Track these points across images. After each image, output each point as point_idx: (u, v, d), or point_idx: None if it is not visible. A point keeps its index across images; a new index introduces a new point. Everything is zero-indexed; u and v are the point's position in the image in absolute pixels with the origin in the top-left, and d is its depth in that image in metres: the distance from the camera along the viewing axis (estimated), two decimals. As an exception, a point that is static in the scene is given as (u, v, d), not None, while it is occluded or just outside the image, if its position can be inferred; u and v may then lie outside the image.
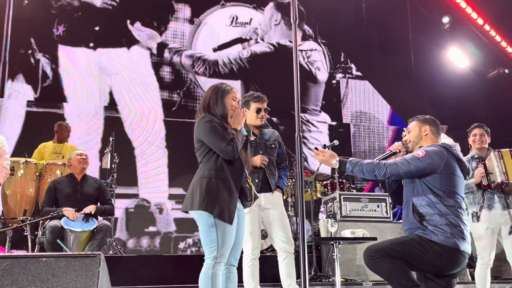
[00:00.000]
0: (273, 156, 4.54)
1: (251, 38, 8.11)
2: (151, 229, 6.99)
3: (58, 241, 4.57)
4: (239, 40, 8.12)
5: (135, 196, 7.56)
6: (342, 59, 8.78)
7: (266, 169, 4.40)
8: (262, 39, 7.93)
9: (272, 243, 4.61)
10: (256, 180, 4.33)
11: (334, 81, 8.57)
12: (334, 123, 8.64)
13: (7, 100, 7.72)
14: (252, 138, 4.46)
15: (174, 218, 7.43)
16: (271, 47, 7.81)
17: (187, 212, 3.45)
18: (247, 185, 3.55)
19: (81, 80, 7.94)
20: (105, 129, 7.90)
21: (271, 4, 8.01)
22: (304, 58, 8.30)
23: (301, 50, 8.17)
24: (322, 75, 8.09)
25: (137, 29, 7.92)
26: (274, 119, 8.53)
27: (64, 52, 7.96)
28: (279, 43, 7.80)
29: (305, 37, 8.41)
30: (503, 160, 4.65)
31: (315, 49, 8.10)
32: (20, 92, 7.74)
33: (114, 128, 7.79)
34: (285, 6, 7.90)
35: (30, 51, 7.89)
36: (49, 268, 2.13)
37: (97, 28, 8.19)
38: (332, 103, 8.83)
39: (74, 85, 7.90)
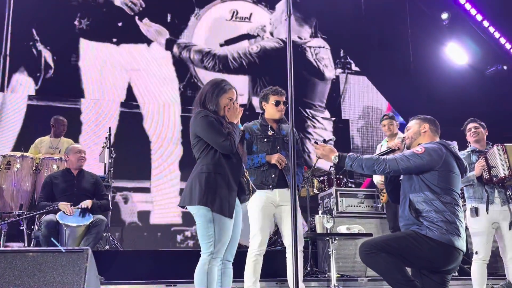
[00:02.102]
0: (289, 152, 4.50)
1: (258, 35, 8.20)
2: (116, 219, 7.09)
3: (53, 239, 4.56)
4: (246, 36, 8.16)
5: (147, 190, 7.48)
6: (341, 54, 8.86)
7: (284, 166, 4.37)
8: (272, 34, 8.04)
9: (282, 239, 4.60)
10: (272, 176, 4.33)
11: (333, 76, 8.69)
12: (333, 118, 8.66)
13: (10, 94, 7.70)
14: (270, 132, 4.46)
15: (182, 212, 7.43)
16: (281, 42, 7.92)
17: (183, 207, 3.46)
18: (244, 179, 3.56)
19: (100, 74, 7.91)
20: (120, 124, 7.85)
21: (283, 1, 8.05)
22: (312, 55, 8.43)
23: (310, 47, 8.33)
24: (329, 73, 8.21)
25: (146, 25, 7.97)
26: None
27: (85, 46, 7.95)
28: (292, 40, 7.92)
29: (312, 35, 8.54)
30: (507, 154, 4.63)
31: (323, 47, 8.23)
32: (22, 85, 7.72)
33: (130, 123, 7.79)
34: (297, 3, 8.04)
35: (31, 42, 7.86)
36: (36, 263, 2.13)
37: (120, 24, 8.19)
38: (332, 98, 8.86)
39: (92, 79, 7.90)
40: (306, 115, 8.30)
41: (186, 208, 3.46)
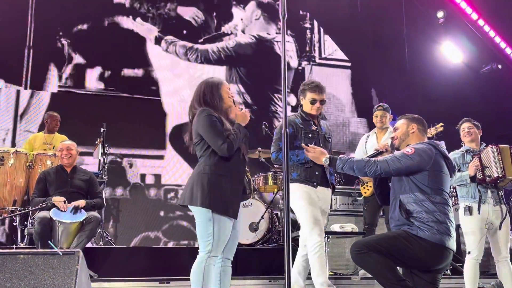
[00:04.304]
0: (327, 149, 4.27)
1: (231, 33, 9.26)
2: (123, 180, 8.00)
3: (50, 242, 4.53)
4: (223, 35, 9.18)
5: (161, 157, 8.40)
6: (307, 49, 9.59)
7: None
8: (243, 31, 9.10)
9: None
10: (316, 173, 4.20)
11: (297, 66, 9.40)
12: (296, 103, 9.25)
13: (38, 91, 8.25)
14: (314, 127, 4.30)
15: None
16: (253, 38, 9.00)
17: (182, 205, 3.47)
18: (246, 178, 3.59)
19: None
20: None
21: (253, 3, 9.24)
22: (279, 48, 9.23)
23: (277, 41, 9.27)
24: (294, 63, 9.15)
25: (139, 24, 8.68)
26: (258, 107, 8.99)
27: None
28: (259, 35, 9.10)
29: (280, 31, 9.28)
30: (501, 155, 4.66)
31: (288, 41, 9.13)
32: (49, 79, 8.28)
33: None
34: (264, 4, 9.30)
35: (57, 37, 8.42)
36: (27, 266, 2.12)
37: (184, 32, 9.10)
38: (297, 85, 9.17)
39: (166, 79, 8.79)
40: (275, 99, 9.23)
41: (187, 206, 3.48)
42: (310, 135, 4.26)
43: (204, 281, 3.26)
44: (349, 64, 10.00)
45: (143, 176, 8.29)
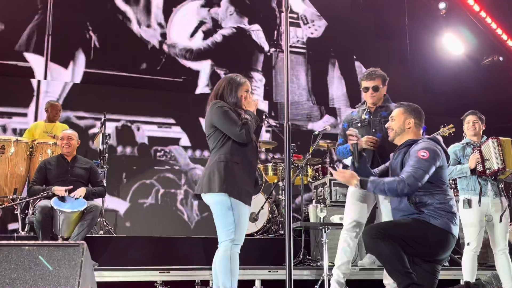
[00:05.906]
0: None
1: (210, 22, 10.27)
2: (131, 141, 9.04)
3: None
4: (201, 24, 10.12)
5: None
6: (274, 38, 10.45)
7: (378, 148, 4.03)
8: (221, 25, 10.29)
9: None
10: (367, 160, 4.06)
11: (267, 51, 10.39)
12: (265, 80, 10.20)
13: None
14: (363, 116, 4.16)
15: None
16: (234, 29, 10.31)
17: (199, 196, 3.53)
18: (258, 170, 3.67)
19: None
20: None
21: (225, 0, 10.35)
22: (254, 36, 10.42)
23: (253, 30, 10.35)
24: (266, 48, 10.44)
25: (144, 31, 9.67)
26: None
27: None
28: (239, 26, 10.31)
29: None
30: (501, 147, 4.67)
31: (260, 30, 10.52)
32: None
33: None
34: (236, 1, 10.30)
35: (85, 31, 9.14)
36: (32, 257, 2.15)
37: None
38: (267, 67, 10.24)
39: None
40: (250, 75, 10.16)
41: (201, 199, 3.53)
42: (359, 125, 4.13)
43: (232, 268, 3.34)
44: (304, 51, 10.56)
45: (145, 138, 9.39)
